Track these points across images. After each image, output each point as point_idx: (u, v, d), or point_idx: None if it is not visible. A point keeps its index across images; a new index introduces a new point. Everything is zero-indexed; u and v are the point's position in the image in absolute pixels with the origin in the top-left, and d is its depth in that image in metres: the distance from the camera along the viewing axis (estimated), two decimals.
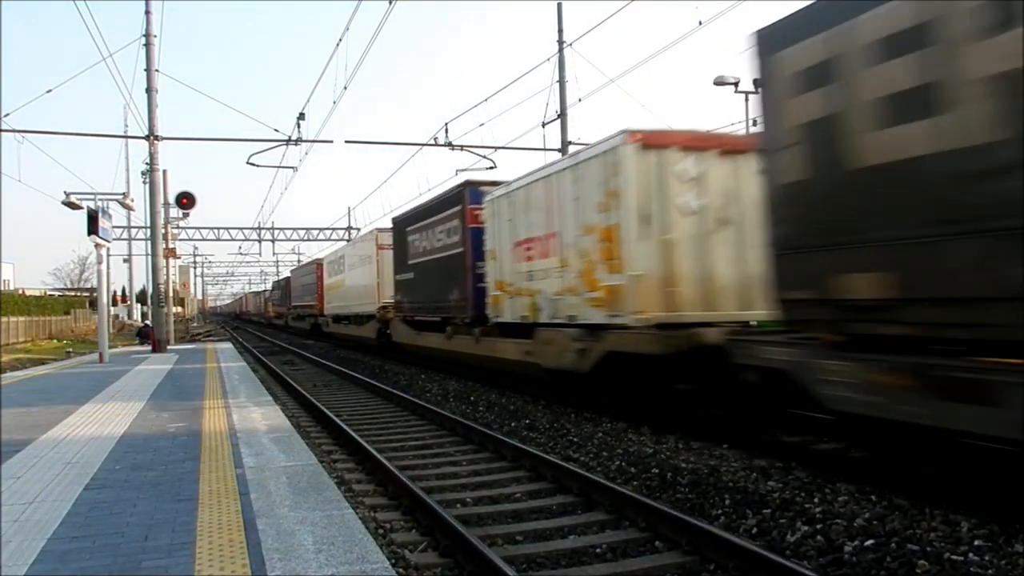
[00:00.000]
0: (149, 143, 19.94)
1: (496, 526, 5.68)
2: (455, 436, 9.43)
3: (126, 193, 21.82)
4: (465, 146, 21.93)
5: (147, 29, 19.88)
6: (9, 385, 12.49)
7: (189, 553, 3.58)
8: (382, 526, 5.69)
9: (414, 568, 4.82)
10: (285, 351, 28.64)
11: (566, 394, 11.37)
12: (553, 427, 9.51)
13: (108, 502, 4.59)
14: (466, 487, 6.94)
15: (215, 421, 7.71)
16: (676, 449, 7.89)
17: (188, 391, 10.66)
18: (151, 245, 22.08)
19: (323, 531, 3.88)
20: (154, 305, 22.50)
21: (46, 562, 3.53)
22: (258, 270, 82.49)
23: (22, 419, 8.19)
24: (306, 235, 45.30)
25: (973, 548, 4.68)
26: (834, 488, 6.11)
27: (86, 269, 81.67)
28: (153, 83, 19.77)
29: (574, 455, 7.96)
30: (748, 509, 5.72)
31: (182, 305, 76.00)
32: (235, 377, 12.70)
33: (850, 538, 4.95)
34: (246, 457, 5.81)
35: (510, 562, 4.65)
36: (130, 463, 5.72)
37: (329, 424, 10.30)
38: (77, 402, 9.55)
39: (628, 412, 9.69)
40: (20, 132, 19.38)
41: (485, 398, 12.50)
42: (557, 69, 20.96)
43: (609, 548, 5.10)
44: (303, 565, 3.39)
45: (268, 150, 21.27)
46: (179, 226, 29.31)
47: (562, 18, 21.04)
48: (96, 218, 16.14)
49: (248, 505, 4.40)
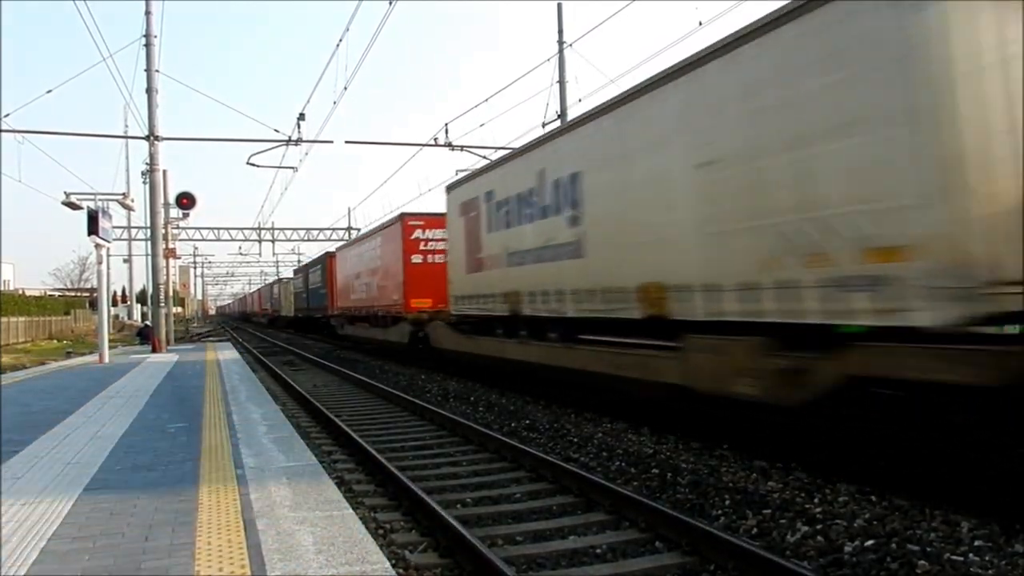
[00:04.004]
0: (149, 143, 19.96)
1: (496, 526, 5.68)
2: (455, 436, 9.43)
3: (126, 193, 21.78)
4: (465, 146, 21.95)
5: (147, 29, 19.91)
6: (9, 385, 12.48)
7: (189, 553, 3.58)
8: (382, 526, 5.69)
9: (414, 568, 4.81)
10: (285, 351, 28.64)
11: (566, 394, 11.37)
12: (553, 427, 9.51)
13: (108, 502, 4.58)
14: (466, 488, 6.94)
15: (215, 421, 7.71)
16: (676, 449, 7.90)
17: (188, 391, 10.65)
18: (151, 245, 22.10)
19: (323, 531, 3.88)
20: (154, 305, 22.51)
21: (46, 562, 3.53)
22: (258, 270, 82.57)
23: (22, 419, 8.19)
24: (306, 235, 45.34)
25: (973, 548, 4.68)
26: (834, 488, 6.11)
27: (86, 269, 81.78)
28: (153, 83, 19.80)
29: (574, 455, 7.96)
30: (748, 509, 5.72)
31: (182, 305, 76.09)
32: (235, 377, 12.70)
33: (850, 538, 4.95)
34: (246, 457, 5.81)
35: (510, 562, 4.65)
36: (130, 463, 5.72)
37: (329, 424, 10.30)
38: (77, 402, 9.55)
39: (628, 412, 9.68)
40: (20, 132, 19.44)
41: (485, 398, 12.50)
42: (557, 69, 20.99)
43: (609, 548, 5.10)
44: (303, 565, 3.39)
45: (268, 150, 21.31)
46: (179, 226, 29.26)
47: (562, 18, 21.08)
48: (96, 218, 16.14)
49: (248, 505, 4.40)
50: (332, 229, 44.82)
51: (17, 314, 43.74)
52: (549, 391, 11.91)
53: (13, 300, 46.78)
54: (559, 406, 11.11)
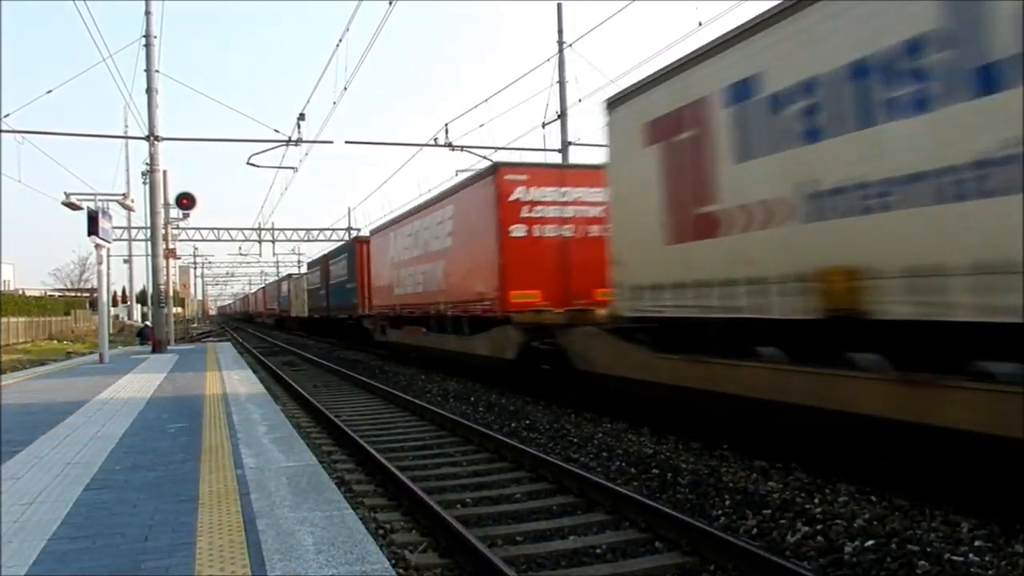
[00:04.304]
0: (149, 144, 19.94)
1: (496, 527, 5.68)
2: (455, 436, 9.43)
3: (126, 193, 21.80)
4: (465, 147, 21.94)
5: (147, 30, 19.88)
6: (9, 385, 12.49)
7: (189, 553, 3.58)
8: (382, 527, 5.69)
9: (414, 568, 4.81)
10: (285, 351, 28.65)
11: (566, 395, 11.37)
12: (553, 427, 9.51)
13: (108, 502, 4.58)
14: (466, 488, 6.94)
15: (215, 421, 7.71)
16: (676, 449, 7.90)
17: (188, 391, 10.65)
18: (151, 246, 22.08)
19: (323, 532, 3.88)
20: (154, 306, 22.51)
21: (46, 563, 3.53)
22: (258, 271, 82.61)
23: (22, 419, 8.19)
24: (306, 235, 45.36)
25: (973, 548, 4.68)
26: (834, 488, 6.11)
27: (86, 269, 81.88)
28: (153, 84, 19.78)
29: (574, 455, 7.96)
30: (748, 509, 5.72)
31: (182, 306, 76.10)
32: (235, 377, 12.69)
33: (850, 538, 4.95)
34: (246, 458, 5.81)
35: (510, 563, 4.65)
36: (130, 463, 5.72)
37: (329, 425, 10.30)
38: (77, 402, 9.55)
39: (628, 413, 9.68)
40: (20, 132, 19.43)
41: (485, 398, 12.50)
42: (557, 70, 20.99)
43: (609, 548, 5.10)
44: (303, 565, 3.39)
45: (268, 150, 21.30)
46: (179, 227, 29.31)
47: (562, 18, 21.07)
48: (96, 219, 16.14)
49: (248, 505, 4.40)
50: (332, 229, 44.86)
51: (17, 314, 43.76)
52: (549, 391, 11.90)
53: (13, 300, 46.81)
54: (559, 406, 11.11)
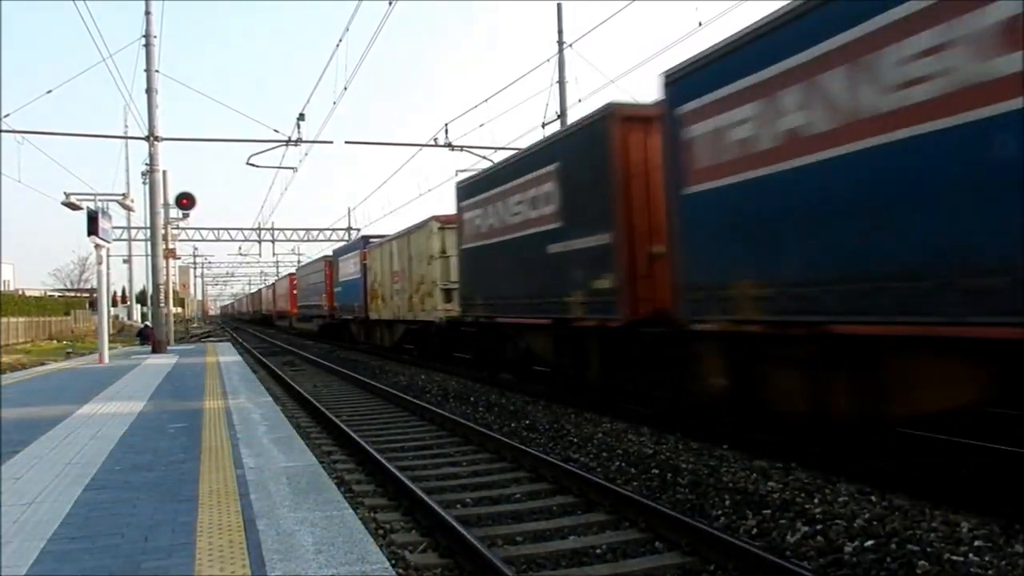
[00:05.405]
0: (149, 144, 19.94)
1: (496, 527, 5.68)
2: (455, 437, 9.43)
3: (126, 194, 21.81)
4: (465, 147, 21.95)
5: (147, 30, 19.89)
6: (9, 385, 12.48)
7: (189, 554, 3.58)
8: (382, 527, 5.69)
9: (414, 569, 4.81)
10: (285, 351, 28.65)
11: (566, 395, 11.36)
12: (553, 428, 9.50)
13: (108, 502, 4.58)
14: (466, 488, 6.94)
15: (215, 421, 7.71)
16: (676, 450, 7.89)
17: (188, 391, 10.65)
18: (151, 246, 22.08)
19: (323, 532, 3.88)
20: (154, 306, 22.50)
21: (46, 562, 3.52)
22: (258, 271, 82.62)
23: (22, 419, 8.19)
24: (306, 235, 45.35)
25: (973, 548, 4.67)
26: (834, 489, 6.10)
27: (86, 270, 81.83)
28: (153, 84, 19.78)
29: (574, 456, 7.96)
30: (748, 510, 5.72)
31: (182, 306, 76.05)
32: (235, 377, 12.70)
33: (850, 539, 4.95)
34: (246, 458, 5.80)
35: (510, 563, 4.65)
36: (130, 463, 5.72)
37: (329, 425, 10.30)
38: (77, 402, 9.54)
39: (628, 413, 9.67)
40: (20, 132, 19.45)
41: (485, 399, 12.49)
42: (557, 70, 20.98)
43: (609, 549, 5.10)
44: (303, 566, 3.39)
45: (268, 151, 21.32)
46: (179, 227, 29.28)
47: (562, 18, 21.06)
48: (96, 219, 16.15)
49: (248, 506, 4.40)
50: (332, 229, 44.86)
51: (17, 314, 43.75)
52: (549, 391, 11.90)
53: (13, 300, 46.83)
54: (559, 406, 11.10)
